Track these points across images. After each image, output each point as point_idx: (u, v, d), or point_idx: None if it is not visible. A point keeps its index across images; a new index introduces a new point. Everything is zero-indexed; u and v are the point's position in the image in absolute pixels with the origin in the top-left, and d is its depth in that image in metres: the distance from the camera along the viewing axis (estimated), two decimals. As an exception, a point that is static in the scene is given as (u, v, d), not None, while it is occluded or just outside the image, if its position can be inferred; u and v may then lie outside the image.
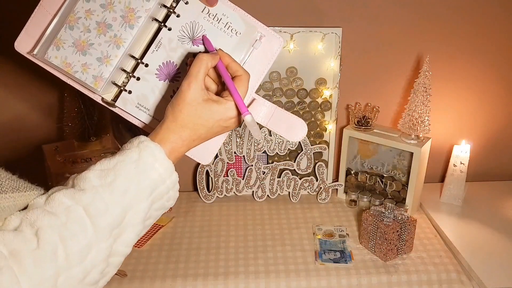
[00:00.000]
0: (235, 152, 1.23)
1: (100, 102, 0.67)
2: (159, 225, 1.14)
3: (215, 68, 0.61)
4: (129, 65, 0.65)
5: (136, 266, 0.99)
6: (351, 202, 1.23)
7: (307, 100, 1.22)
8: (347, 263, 0.99)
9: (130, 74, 0.66)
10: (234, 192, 1.26)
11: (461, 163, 1.20)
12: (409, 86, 1.25)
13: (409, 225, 1.00)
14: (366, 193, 1.21)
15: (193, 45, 0.66)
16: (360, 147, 1.23)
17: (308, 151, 1.23)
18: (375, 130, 1.19)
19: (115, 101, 0.66)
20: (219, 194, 1.26)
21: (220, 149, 1.21)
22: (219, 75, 0.63)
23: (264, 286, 0.95)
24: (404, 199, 1.17)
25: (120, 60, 0.63)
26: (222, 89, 0.64)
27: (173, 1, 0.64)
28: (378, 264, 0.99)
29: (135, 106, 0.67)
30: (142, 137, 0.56)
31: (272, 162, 1.24)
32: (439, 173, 1.36)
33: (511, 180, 1.36)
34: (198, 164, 1.23)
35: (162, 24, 0.64)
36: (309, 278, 0.96)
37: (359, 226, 1.13)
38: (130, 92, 0.66)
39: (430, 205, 1.22)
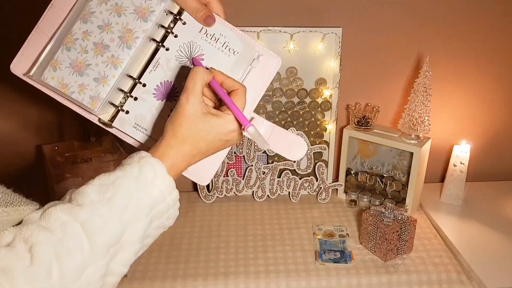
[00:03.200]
0: (235, 152, 1.23)
1: (97, 122, 0.66)
2: (159, 225, 1.14)
3: (210, 87, 0.61)
4: (127, 85, 0.65)
5: (136, 266, 0.99)
6: (351, 202, 1.23)
7: (307, 100, 1.22)
8: (347, 263, 0.99)
9: (128, 94, 0.65)
10: (234, 192, 1.26)
11: (461, 163, 1.20)
12: (409, 86, 1.25)
13: (409, 225, 1.00)
14: (366, 193, 1.21)
15: (191, 65, 0.66)
16: (360, 147, 1.23)
17: (308, 151, 1.23)
18: (375, 130, 1.19)
19: (112, 122, 0.66)
20: (219, 194, 1.26)
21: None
22: (215, 93, 0.63)
23: (264, 286, 0.95)
24: (404, 199, 1.17)
25: (118, 80, 0.63)
26: (219, 105, 0.64)
27: (171, 22, 0.64)
28: (378, 264, 0.99)
29: (133, 126, 0.67)
30: (143, 153, 0.55)
31: (272, 162, 1.24)
32: (439, 173, 1.36)
33: (511, 180, 1.36)
34: (198, 164, 1.23)
35: (160, 44, 0.64)
36: (309, 278, 0.96)
37: (359, 226, 1.13)
38: (127, 112, 0.66)
39: (430, 205, 1.22)
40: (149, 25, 0.62)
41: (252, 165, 1.23)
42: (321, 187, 1.25)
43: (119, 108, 0.66)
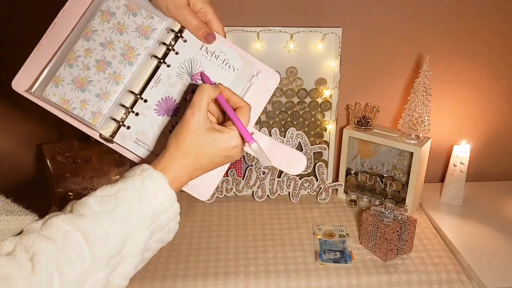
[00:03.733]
0: (235, 152, 1.22)
1: (98, 138, 0.66)
2: (159, 225, 1.14)
3: (216, 102, 0.62)
4: (128, 100, 0.66)
5: (136, 266, 0.99)
6: (351, 202, 1.23)
7: (307, 100, 1.22)
8: (347, 263, 0.99)
9: (129, 110, 0.66)
10: (234, 192, 1.26)
11: (461, 163, 1.20)
12: (409, 86, 1.25)
13: (409, 225, 1.00)
14: (366, 193, 1.21)
15: (192, 81, 0.67)
16: (360, 147, 1.23)
17: (308, 151, 1.23)
18: (375, 130, 1.19)
19: (113, 137, 0.66)
20: (219, 194, 1.26)
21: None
22: (220, 109, 0.64)
23: (264, 286, 0.95)
24: (404, 199, 1.17)
25: (119, 96, 0.64)
26: (223, 121, 0.65)
27: (172, 39, 0.65)
28: (378, 264, 1.00)
29: (134, 142, 0.67)
30: (145, 165, 0.55)
31: (272, 162, 1.24)
32: (439, 173, 1.36)
33: (511, 180, 1.36)
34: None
35: (161, 60, 0.65)
36: (309, 278, 0.96)
37: (359, 226, 1.13)
38: (128, 127, 0.66)
39: (430, 205, 1.22)
40: (151, 43, 0.64)
41: (252, 165, 1.23)
42: (321, 187, 1.25)
43: (121, 123, 0.66)
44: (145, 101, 0.66)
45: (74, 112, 0.63)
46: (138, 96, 0.66)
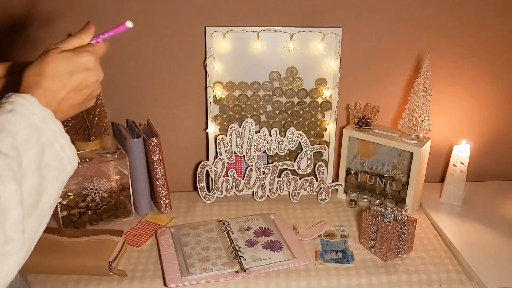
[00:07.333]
0: (235, 152, 1.23)
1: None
2: (159, 224, 1.14)
3: None
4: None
5: (136, 266, 0.99)
6: (351, 202, 1.23)
7: (307, 100, 1.22)
8: (349, 263, 0.99)
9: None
10: (234, 192, 1.26)
11: (461, 163, 1.20)
12: (409, 86, 1.25)
13: (409, 225, 1.00)
14: (366, 193, 1.21)
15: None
16: (360, 147, 1.23)
17: (308, 151, 1.23)
18: (375, 130, 1.19)
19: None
20: (219, 194, 1.26)
21: (220, 148, 1.21)
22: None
23: (264, 286, 0.95)
24: (404, 199, 1.17)
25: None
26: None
27: None
28: (378, 264, 0.99)
29: None
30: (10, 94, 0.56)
31: (272, 162, 1.24)
32: (439, 173, 1.36)
33: (511, 180, 1.36)
34: (198, 163, 1.23)
35: None
36: (309, 278, 0.96)
37: (359, 226, 1.13)
38: None
39: (430, 205, 1.22)
40: None
41: (252, 165, 1.23)
42: (321, 187, 1.25)
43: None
44: None
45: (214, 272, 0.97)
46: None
